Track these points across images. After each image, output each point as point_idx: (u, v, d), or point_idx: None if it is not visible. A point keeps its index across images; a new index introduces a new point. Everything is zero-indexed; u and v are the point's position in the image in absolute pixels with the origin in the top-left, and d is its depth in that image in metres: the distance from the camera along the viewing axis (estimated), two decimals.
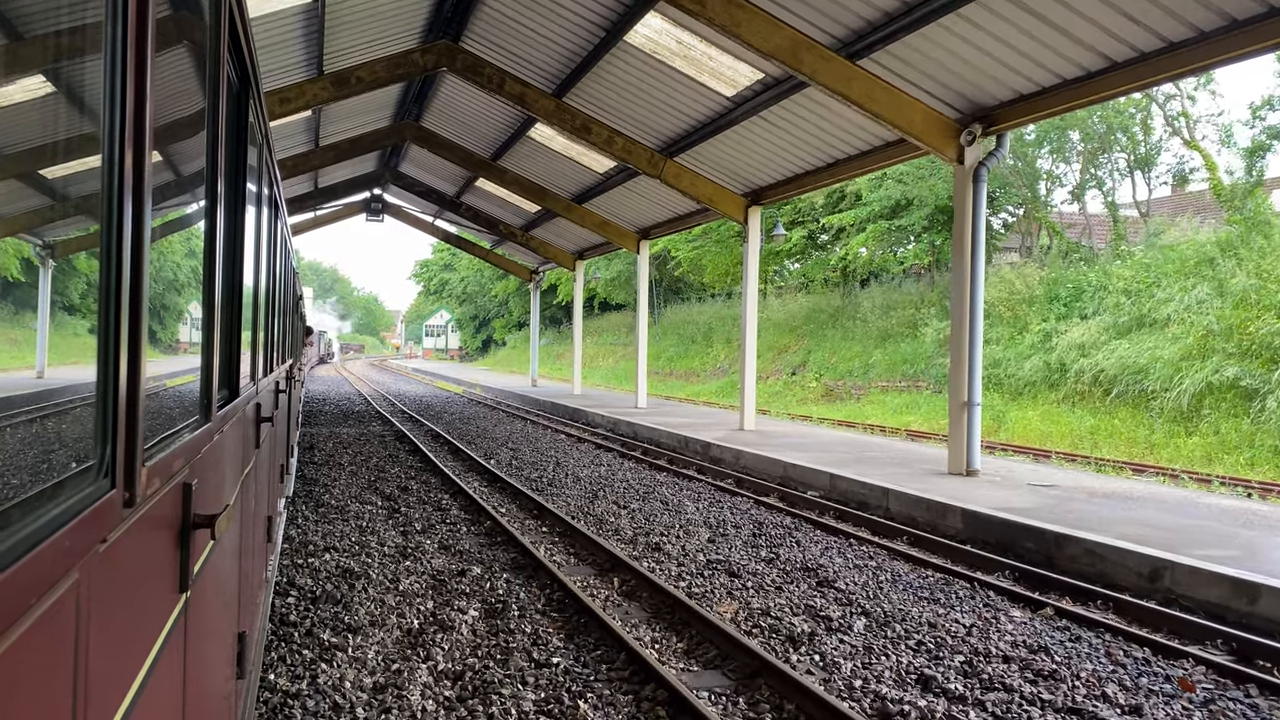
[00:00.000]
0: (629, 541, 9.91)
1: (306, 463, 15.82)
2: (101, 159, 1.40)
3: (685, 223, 24.27)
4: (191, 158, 2.44)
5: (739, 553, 9.42)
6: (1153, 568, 8.22)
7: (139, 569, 1.58)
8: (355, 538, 9.86)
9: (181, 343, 2.58)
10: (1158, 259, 23.82)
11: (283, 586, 7.80)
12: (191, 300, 2.64)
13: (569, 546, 9.73)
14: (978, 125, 13.10)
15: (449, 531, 10.28)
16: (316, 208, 34.38)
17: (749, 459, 15.68)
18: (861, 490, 12.47)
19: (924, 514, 11.20)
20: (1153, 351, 20.54)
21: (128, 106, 1.43)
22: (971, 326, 13.31)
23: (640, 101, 18.08)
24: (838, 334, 36.21)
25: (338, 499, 12.28)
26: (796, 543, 9.94)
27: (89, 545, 1.24)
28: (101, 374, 1.39)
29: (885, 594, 7.90)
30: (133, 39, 1.42)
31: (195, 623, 2.21)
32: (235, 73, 3.27)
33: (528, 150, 24.36)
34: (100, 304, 1.39)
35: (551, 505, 11.81)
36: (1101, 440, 20.29)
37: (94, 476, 1.36)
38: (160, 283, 2.14)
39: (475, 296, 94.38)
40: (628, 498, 12.76)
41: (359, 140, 25.27)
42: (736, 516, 11.45)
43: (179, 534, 1.97)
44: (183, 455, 2.03)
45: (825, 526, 10.92)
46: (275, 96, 17.19)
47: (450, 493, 12.97)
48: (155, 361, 1.86)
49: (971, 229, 13.28)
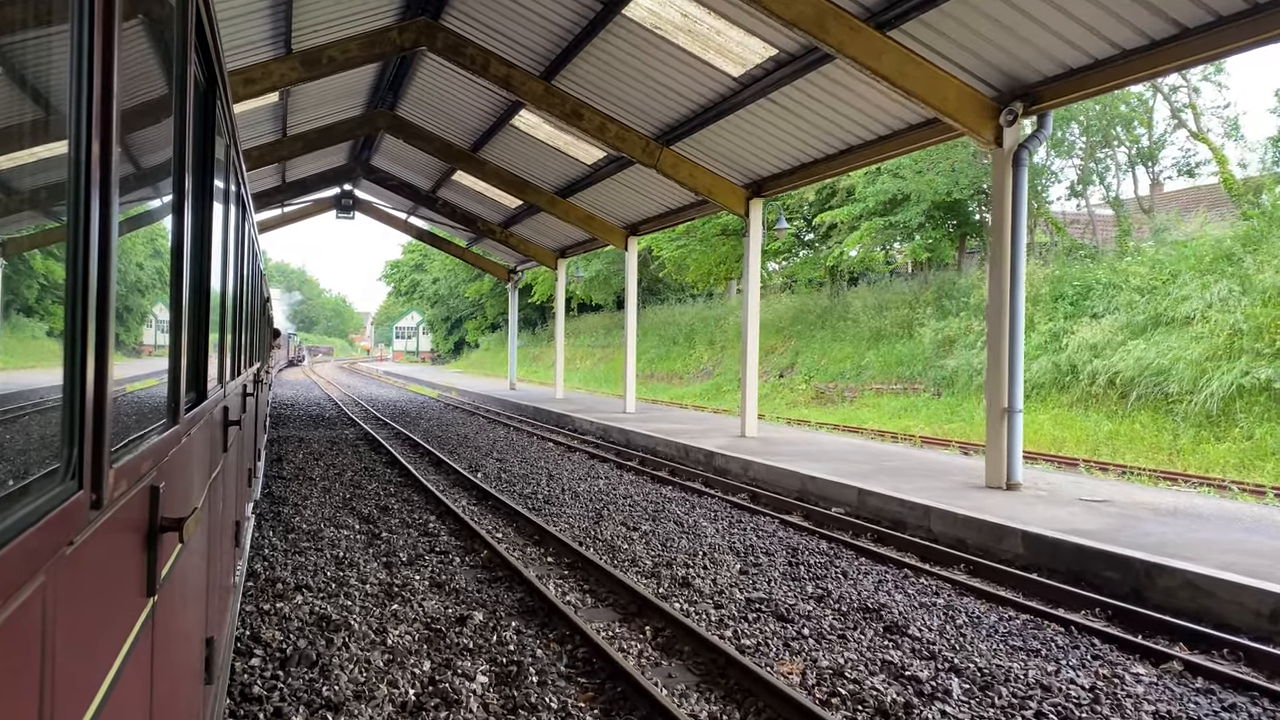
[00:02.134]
0: (650, 574, 8.57)
1: (274, 477, 14.36)
2: (68, 157, 1.38)
3: (678, 217, 22.94)
4: (158, 154, 2.37)
5: (780, 588, 8.11)
6: (1274, 607, 7.01)
7: (106, 572, 1.56)
8: (331, 572, 8.46)
9: (146, 345, 2.49)
10: (1171, 255, 22.80)
11: (245, 643, 6.39)
12: (157, 302, 2.56)
13: (582, 581, 8.37)
14: (1019, 104, 11.88)
15: (440, 563, 8.90)
16: (284, 203, 32.75)
17: (760, 470, 14.39)
18: (897, 508, 11.22)
19: (975, 536, 9.95)
20: (1175, 352, 19.47)
21: (94, 99, 1.40)
22: (1012, 326, 12.11)
23: (637, 84, 16.74)
24: (827, 335, 35.02)
25: (309, 521, 10.85)
26: (842, 574, 8.65)
27: (56, 547, 1.22)
28: (68, 375, 1.37)
29: (970, 643, 6.62)
30: (100, 25, 1.40)
31: (163, 627, 2.17)
32: (202, 68, 3.19)
33: (510, 140, 22.95)
34: (67, 304, 1.38)
35: (553, 528, 10.46)
36: (1121, 446, 19.20)
37: (61, 478, 1.34)
38: (125, 285, 2.04)
39: (447, 298, 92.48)
40: (636, 517, 11.42)
41: (330, 130, 23.75)
42: (764, 540, 10.15)
43: (146, 537, 1.94)
44: (150, 457, 2.00)
45: (867, 552, 9.64)
46: (239, 77, 15.70)
47: (437, 513, 11.57)
48: (123, 364, 1.86)
49: (1012, 219, 12.07)
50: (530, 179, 25.04)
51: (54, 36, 1.34)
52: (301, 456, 16.93)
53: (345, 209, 35.00)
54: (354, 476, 14.56)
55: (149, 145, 2.24)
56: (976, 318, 27.17)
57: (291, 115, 22.11)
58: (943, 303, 29.80)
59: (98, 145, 1.41)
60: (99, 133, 1.42)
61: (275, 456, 16.87)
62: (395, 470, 15.46)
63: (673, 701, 5.39)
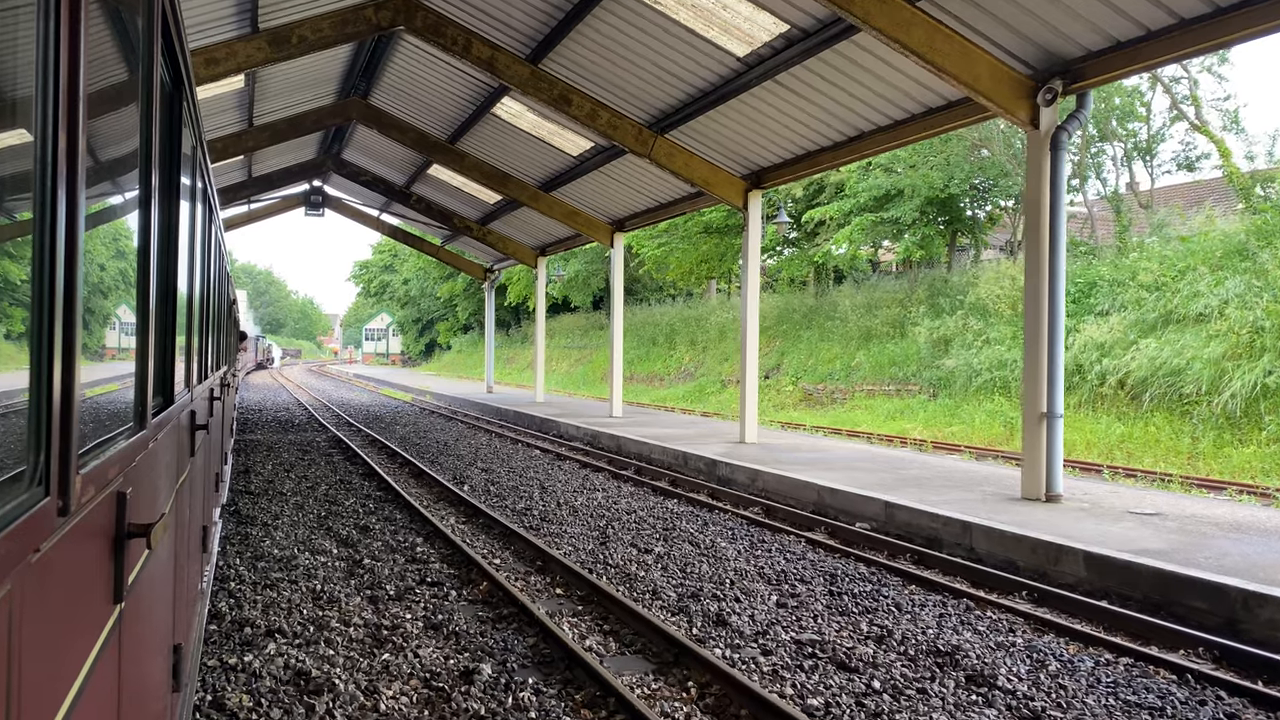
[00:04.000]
0: (677, 609, 7.48)
1: (241, 492, 13.13)
2: (34, 158, 1.31)
3: (668, 212, 21.86)
4: (123, 150, 2.25)
5: (830, 625, 7.05)
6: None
7: (73, 579, 1.50)
8: (308, 610, 7.30)
9: (108, 348, 2.34)
10: (1178, 250, 22.01)
11: (207, 711, 5.23)
12: (123, 304, 2.44)
13: (600, 620, 7.26)
14: (1058, 81, 10.92)
15: (434, 597, 7.76)
16: (250, 200, 31.32)
17: (770, 481, 13.34)
18: (929, 523, 10.21)
19: (1026, 556, 8.95)
20: (1192, 351, 18.63)
21: (61, 96, 1.34)
22: (1052, 324, 11.14)
23: (631, 67, 15.64)
24: (814, 335, 34.04)
25: (281, 545, 9.66)
26: (895, 606, 7.60)
27: (22, 554, 1.16)
28: (35, 379, 1.32)
29: (1075, 698, 5.58)
30: (66, 17, 1.34)
31: (130, 634, 2.09)
32: (167, 63, 3.02)
33: (491, 131, 21.76)
34: (33, 308, 1.32)
35: (556, 551, 9.34)
36: (1136, 449, 18.34)
37: (27, 484, 1.29)
38: (90, 286, 1.89)
39: (418, 299, 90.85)
40: (646, 537, 10.32)
41: (299, 120, 22.45)
42: (794, 564, 9.08)
43: (114, 543, 1.88)
44: (118, 463, 1.95)
45: (913, 577, 8.60)
46: (201, 56, 14.44)
47: (424, 534, 10.41)
48: (89, 367, 1.79)
49: (1050, 208, 11.11)
50: (512, 172, 23.85)
51: (19, 24, 1.27)
52: (271, 468, 15.68)
53: (315, 206, 33.60)
54: (329, 491, 13.35)
55: (114, 141, 2.14)
56: (974, 316, 26.31)
57: (258, 103, 20.80)
58: (937, 301, 28.92)
59: (64, 140, 1.36)
60: (65, 128, 1.36)
61: (243, 468, 15.61)
62: (374, 483, 14.26)
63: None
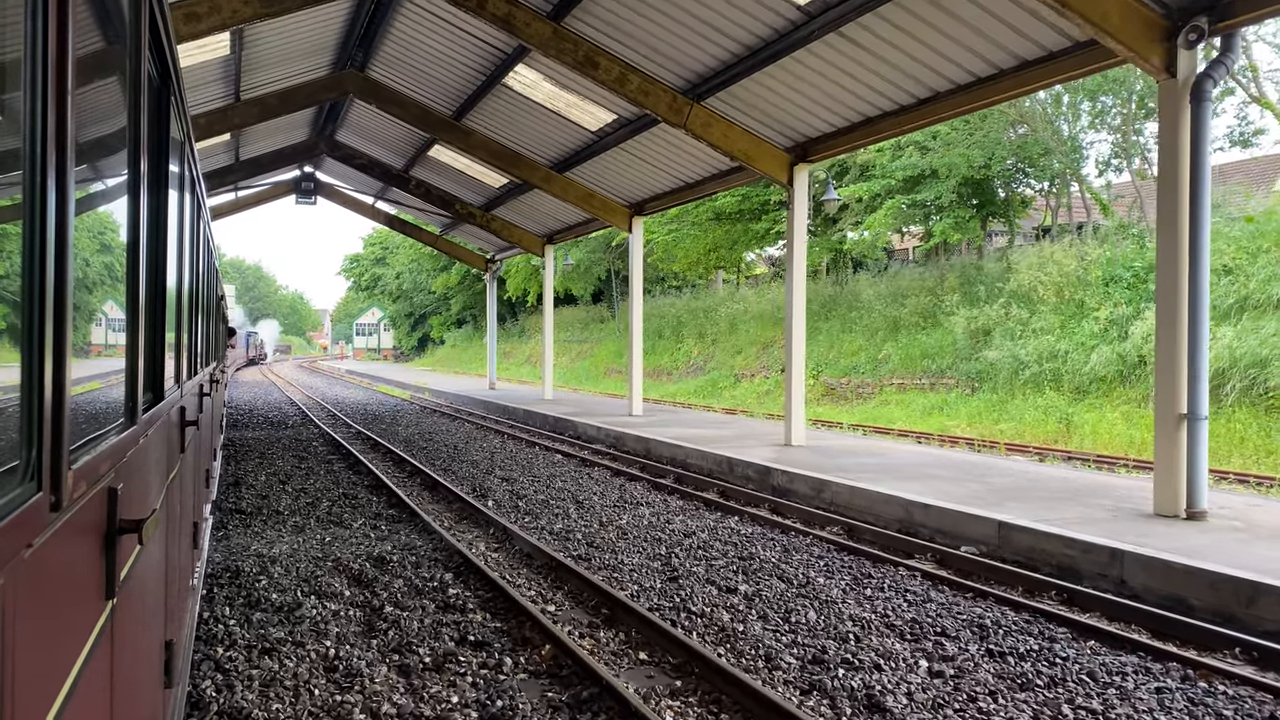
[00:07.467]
0: (808, 685, 5.68)
1: (232, 511, 11.33)
2: (23, 153, 1.30)
3: (694, 192, 20.02)
4: (112, 144, 2.25)
5: (1018, 709, 5.29)
6: None
7: (65, 575, 1.49)
8: (321, 692, 5.51)
9: (99, 345, 2.35)
10: (1246, 230, 20.33)
11: None
12: (112, 300, 2.42)
13: (711, 701, 5.46)
14: (1203, 18, 9.17)
15: (483, 666, 5.97)
16: (238, 186, 29.42)
17: (840, 493, 11.58)
18: (1064, 549, 8.46)
19: (1203, 595, 7.21)
20: (1277, 340, 16.96)
21: (49, 87, 1.33)
22: (1193, 311, 9.40)
23: (668, 21, 13.80)
24: (835, 326, 32.29)
25: (280, 586, 7.86)
26: (1087, 675, 5.82)
27: (15, 550, 1.16)
28: (26, 375, 1.33)
29: None
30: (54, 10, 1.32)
31: (122, 630, 2.07)
32: (154, 54, 3.01)
33: (501, 104, 19.89)
34: (24, 303, 1.33)
35: (621, 593, 7.57)
36: (1219, 449, 16.65)
37: (20, 479, 1.29)
38: (78, 282, 1.86)
39: (411, 293, 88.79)
40: (722, 570, 8.54)
41: (290, 94, 20.54)
42: (922, 609, 7.32)
43: (105, 539, 1.86)
44: (109, 459, 1.93)
45: (1083, 628, 6.85)
46: (180, 11, 12.59)
47: (453, 569, 8.61)
48: (80, 363, 1.78)
49: (1191, 172, 9.35)
50: (523, 150, 21.99)
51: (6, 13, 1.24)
52: (264, 479, 13.85)
53: (306, 193, 31.68)
54: (332, 509, 11.55)
55: (102, 133, 2.11)
56: (1016, 304, 24.61)
57: (246, 74, 18.91)
58: (972, 289, 27.20)
59: (54, 133, 1.35)
60: (54, 121, 1.35)
61: (232, 480, 13.78)
62: (382, 498, 12.46)
63: None
